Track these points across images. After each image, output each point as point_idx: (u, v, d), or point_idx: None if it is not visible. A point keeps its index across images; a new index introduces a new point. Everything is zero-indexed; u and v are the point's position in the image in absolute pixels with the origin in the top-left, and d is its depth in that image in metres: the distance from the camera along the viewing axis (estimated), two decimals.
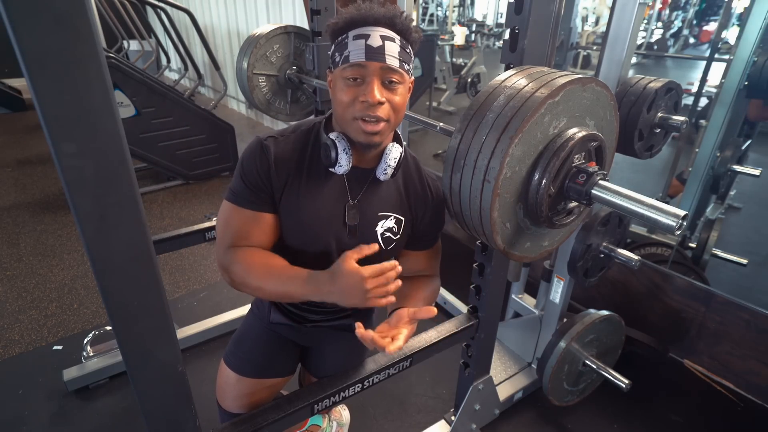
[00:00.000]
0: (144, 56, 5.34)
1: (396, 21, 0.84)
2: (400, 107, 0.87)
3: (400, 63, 0.84)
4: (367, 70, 0.83)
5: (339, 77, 0.86)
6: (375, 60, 0.82)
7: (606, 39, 1.30)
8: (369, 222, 0.98)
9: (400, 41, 0.85)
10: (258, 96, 2.12)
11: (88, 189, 0.59)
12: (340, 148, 0.88)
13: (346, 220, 0.96)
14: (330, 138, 0.89)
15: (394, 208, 1.00)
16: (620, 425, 1.67)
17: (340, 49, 0.85)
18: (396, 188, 1.00)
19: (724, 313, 1.76)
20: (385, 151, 0.94)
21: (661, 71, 6.32)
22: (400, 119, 0.90)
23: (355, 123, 0.86)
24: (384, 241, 1.00)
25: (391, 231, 1.00)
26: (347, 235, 0.97)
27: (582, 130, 0.81)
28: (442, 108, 5.26)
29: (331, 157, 0.89)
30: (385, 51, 0.82)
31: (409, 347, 1.22)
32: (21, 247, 2.70)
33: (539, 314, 1.79)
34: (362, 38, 0.82)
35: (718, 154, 2.08)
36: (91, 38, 0.54)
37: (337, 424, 1.53)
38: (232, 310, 2.08)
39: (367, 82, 0.83)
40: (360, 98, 0.83)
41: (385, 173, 0.94)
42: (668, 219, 0.74)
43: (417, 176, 1.03)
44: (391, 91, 0.85)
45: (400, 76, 0.85)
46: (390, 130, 0.89)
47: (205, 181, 3.68)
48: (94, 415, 1.66)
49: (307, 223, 0.95)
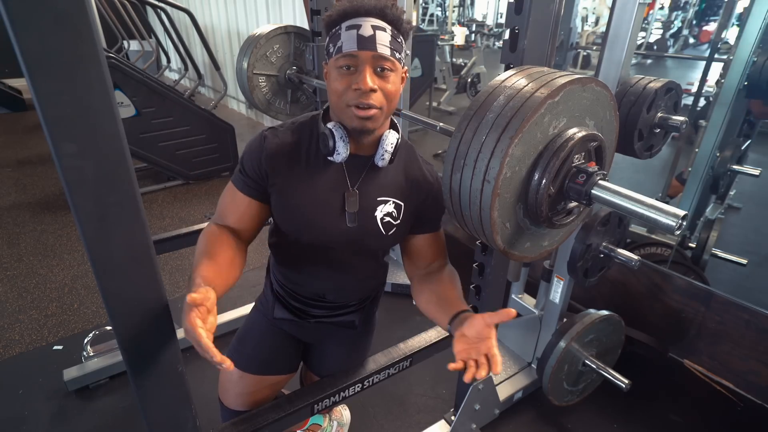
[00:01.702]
0: (144, 56, 5.34)
1: (387, 12, 0.87)
2: (392, 95, 0.90)
3: (391, 51, 0.86)
4: (359, 59, 0.85)
5: (333, 67, 0.89)
6: (366, 49, 0.84)
7: (606, 39, 1.30)
8: (368, 207, 1.00)
9: (391, 31, 0.87)
10: (258, 96, 2.12)
11: (88, 189, 0.59)
12: (337, 136, 0.91)
13: (345, 207, 0.97)
14: (327, 127, 0.92)
15: (393, 193, 1.02)
16: (620, 425, 1.67)
17: (333, 40, 0.88)
18: (394, 174, 1.02)
19: (724, 313, 1.76)
20: (381, 138, 0.96)
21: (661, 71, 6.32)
22: (393, 107, 0.92)
23: (348, 110, 0.88)
24: (384, 225, 1.02)
25: (390, 216, 1.02)
26: (346, 221, 0.99)
27: (582, 130, 0.81)
28: (442, 108, 5.26)
29: (329, 146, 0.91)
30: (376, 40, 0.85)
31: (409, 347, 1.22)
32: (21, 247, 2.70)
33: (539, 314, 1.79)
34: (354, 29, 0.85)
35: (717, 154, 2.08)
36: (91, 38, 0.54)
37: (338, 423, 1.53)
38: (232, 310, 2.08)
39: (359, 70, 0.86)
40: (353, 86, 0.86)
41: (383, 159, 0.96)
42: (668, 219, 0.74)
43: (414, 163, 1.05)
44: (383, 79, 0.87)
45: (391, 63, 0.87)
46: (384, 117, 0.92)
47: (205, 181, 3.68)
48: (94, 415, 1.66)
49: (306, 211, 0.97)
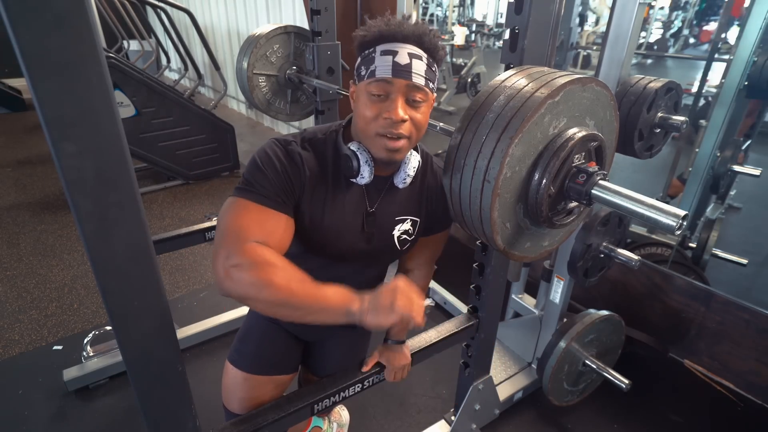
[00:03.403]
0: (144, 56, 5.34)
1: (424, 39, 0.84)
2: (421, 124, 0.88)
3: (425, 81, 0.84)
4: (393, 86, 0.83)
5: (363, 91, 0.86)
6: (401, 77, 0.82)
7: (606, 39, 1.30)
8: (387, 228, 0.99)
9: (427, 59, 0.85)
10: (258, 96, 2.12)
11: (88, 189, 0.59)
12: (362, 159, 0.88)
13: (365, 227, 0.97)
14: (351, 149, 0.89)
15: (411, 211, 1.02)
16: (620, 425, 1.67)
17: (366, 63, 0.85)
18: (412, 191, 1.01)
19: (724, 313, 1.76)
20: (404, 160, 0.95)
21: (661, 71, 6.31)
22: (420, 135, 0.90)
23: (377, 139, 0.86)
24: (400, 243, 1.02)
25: (407, 233, 1.02)
26: (364, 241, 0.98)
27: (582, 130, 0.81)
28: (442, 108, 5.26)
29: (353, 168, 0.89)
30: (412, 69, 0.82)
31: (409, 347, 1.22)
32: (21, 247, 2.70)
33: (539, 314, 1.79)
34: (390, 54, 0.82)
35: (718, 154, 2.08)
36: (91, 38, 0.54)
37: (338, 424, 1.53)
38: (232, 310, 2.08)
39: (391, 99, 0.83)
40: (384, 115, 0.84)
41: (404, 182, 0.96)
42: (668, 219, 0.74)
43: (431, 172, 1.04)
44: (414, 109, 0.85)
45: (424, 94, 0.85)
46: (411, 146, 0.90)
47: (205, 181, 3.68)
48: (94, 415, 1.66)
49: (329, 231, 0.95)
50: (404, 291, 0.81)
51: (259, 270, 0.75)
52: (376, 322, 0.79)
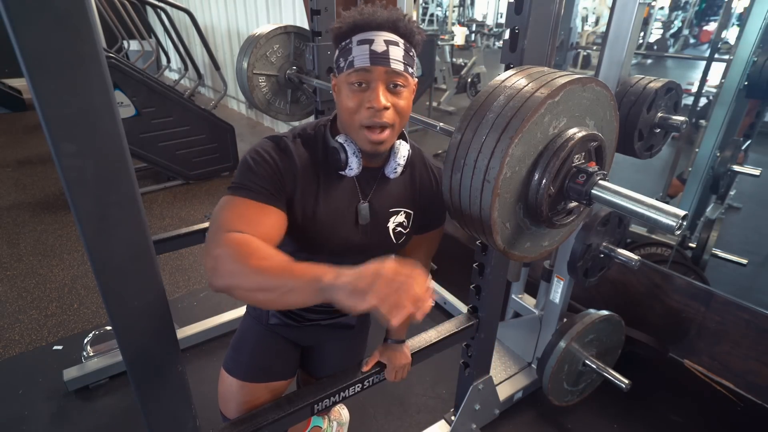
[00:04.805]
0: (144, 56, 5.34)
1: (399, 25, 0.85)
2: (404, 111, 0.88)
3: (404, 66, 0.85)
4: (372, 75, 0.83)
5: (344, 83, 0.86)
6: (379, 65, 0.82)
7: (606, 39, 1.30)
8: (381, 220, 0.99)
9: (404, 45, 0.85)
10: (258, 96, 2.12)
11: (88, 189, 0.59)
12: (349, 151, 0.89)
13: (358, 220, 0.96)
14: (338, 142, 0.90)
15: (404, 202, 1.01)
16: (620, 425, 1.67)
17: (344, 54, 0.85)
18: (404, 182, 1.01)
19: (724, 313, 1.76)
20: (393, 150, 0.95)
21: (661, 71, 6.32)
22: (404, 122, 0.91)
23: (361, 132, 0.87)
24: (395, 235, 1.02)
25: (401, 225, 1.02)
26: (359, 234, 0.97)
27: (582, 130, 0.81)
28: (442, 108, 5.26)
29: (341, 161, 0.89)
30: (390, 55, 0.83)
31: (409, 347, 1.22)
32: (21, 247, 2.70)
33: (539, 314, 1.79)
34: (366, 43, 0.83)
35: (718, 154, 2.08)
36: (91, 38, 0.54)
37: (338, 423, 1.53)
38: (232, 310, 2.08)
39: (372, 87, 0.84)
40: (366, 104, 0.84)
41: (395, 172, 0.96)
42: (668, 219, 0.74)
43: (423, 167, 1.04)
44: (395, 95, 0.86)
45: (404, 79, 0.85)
46: (395, 134, 0.90)
47: (205, 181, 3.68)
48: (94, 415, 1.66)
49: (324, 225, 0.94)
50: (390, 279, 0.59)
51: (237, 256, 0.72)
52: (346, 303, 0.61)
